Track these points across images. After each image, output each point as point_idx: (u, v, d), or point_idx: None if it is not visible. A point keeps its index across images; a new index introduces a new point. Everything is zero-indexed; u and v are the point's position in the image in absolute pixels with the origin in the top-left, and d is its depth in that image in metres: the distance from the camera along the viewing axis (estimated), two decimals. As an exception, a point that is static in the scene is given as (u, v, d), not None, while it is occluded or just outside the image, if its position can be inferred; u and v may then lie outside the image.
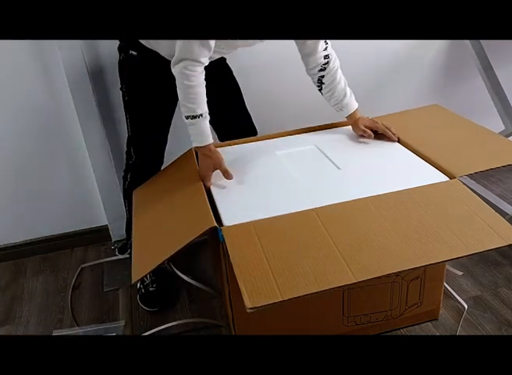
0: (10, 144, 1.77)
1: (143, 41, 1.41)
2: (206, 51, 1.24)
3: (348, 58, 1.93)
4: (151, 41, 1.39)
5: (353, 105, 1.51)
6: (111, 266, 1.58)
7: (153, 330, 1.51)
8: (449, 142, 1.41)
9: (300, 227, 1.09)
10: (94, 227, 2.00)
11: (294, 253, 1.02)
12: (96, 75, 1.72)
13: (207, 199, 1.23)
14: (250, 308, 0.89)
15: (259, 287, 0.94)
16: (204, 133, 1.30)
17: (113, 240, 1.98)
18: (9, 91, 1.69)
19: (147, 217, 1.35)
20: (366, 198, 1.17)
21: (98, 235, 1.99)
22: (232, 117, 1.60)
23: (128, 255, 1.84)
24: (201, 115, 1.27)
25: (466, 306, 1.50)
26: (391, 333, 1.43)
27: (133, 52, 1.43)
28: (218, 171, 1.32)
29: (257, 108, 1.65)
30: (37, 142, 1.79)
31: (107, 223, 1.96)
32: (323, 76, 1.48)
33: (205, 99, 1.27)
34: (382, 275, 0.96)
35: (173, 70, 1.26)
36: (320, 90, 1.51)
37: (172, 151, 1.59)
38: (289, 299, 0.91)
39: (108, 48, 1.70)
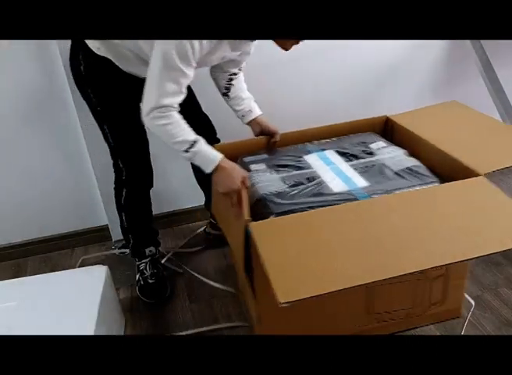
0: (10, 144, 1.77)
1: (94, 48, 1.34)
2: (183, 96, 1.23)
3: (348, 59, 1.94)
4: (108, 45, 1.33)
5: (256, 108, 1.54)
6: (111, 265, 1.60)
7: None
8: (471, 138, 1.40)
9: (330, 223, 1.10)
10: (95, 227, 2.00)
11: (323, 249, 1.03)
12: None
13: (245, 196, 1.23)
14: (282, 303, 0.89)
15: (290, 282, 0.94)
16: (209, 154, 1.24)
17: (113, 240, 1.98)
18: (9, 91, 1.69)
19: (226, 222, 1.40)
20: (392, 195, 1.18)
21: (99, 235, 1.99)
22: (192, 118, 1.42)
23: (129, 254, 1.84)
24: (195, 141, 1.22)
25: (473, 303, 1.49)
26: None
27: (88, 60, 1.36)
28: None
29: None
30: (37, 142, 1.79)
31: (107, 222, 1.96)
32: (234, 75, 1.49)
33: (187, 125, 1.23)
34: (410, 272, 0.95)
35: (145, 119, 1.23)
36: (228, 92, 1.52)
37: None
38: (320, 295, 0.91)
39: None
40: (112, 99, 1.42)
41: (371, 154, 1.44)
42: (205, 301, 1.63)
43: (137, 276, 1.70)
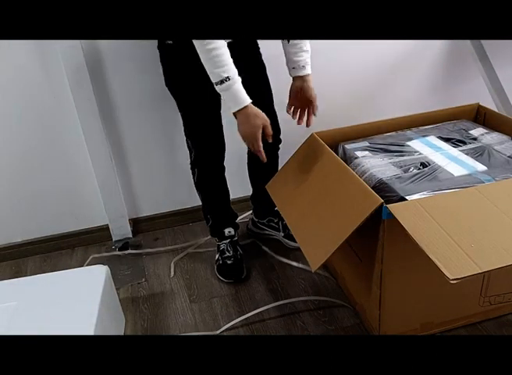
0: (10, 144, 1.77)
1: None
2: None
3: (348, 58, 1.94)
4: None
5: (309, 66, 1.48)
6: (111, 265, 1.60)
7: (256, 311, 1.53)
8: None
9: (470, 204, 1.13)
10: (95, 227, 2.00)
11: (475, 228, 1.05)
12: (96, 75, 1.72)
13: (361, 179, 1.27)
14: (452, 280, 0.93)
15: (451, 260, 0.97)
16: (238, 95, 1.26)
17: (114, 239, 1.98)
18: (9, 91, 1.69)
19: (297, 208, 1.43)
20: None
21: (99, 235, 1.99)
22: None
23: (129, 254, 1.84)
24: (228, 77, 1.23)
25: None
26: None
27: (169, 42, 1.41)
28: None
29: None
30: (37, 142, 1.79)
31: (107, 222, 1.96)
32: None
33: (231, 61, 1.24)
34: None
35: (195, 42, 1.24)
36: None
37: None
38: (488, 271, 0.95)
39: (109, 48, 1.70)
40: (184, 83, 1.45)
41: (474, 139, 1.46)
42: (205, 301, 1.63)
43: (217, 256, 1.76)
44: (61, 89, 1.71)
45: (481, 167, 1.31)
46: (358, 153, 1.47)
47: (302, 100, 1.51)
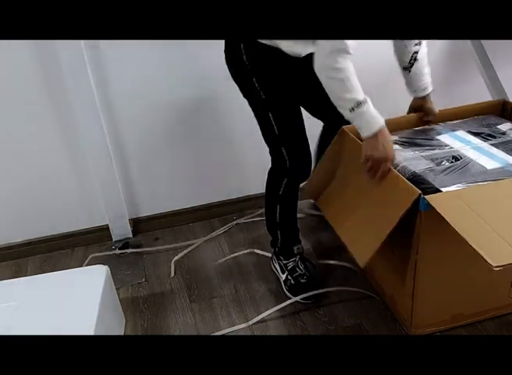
0: (10, 143, 1.77)
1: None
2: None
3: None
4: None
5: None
6: (111, 265, 1.60)
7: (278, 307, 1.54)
8: None
9: (507, 194, 1.17)
10: (95, 227, 2.00)
11: None
12: (97, 75, 1.72)
13: (396, 172, 1.29)
14: (495, 267, 0.96)
15: (493, 248, 1.00)
16: (373, 116, 1.25)
17: (114, 239, 1.98)
18: (9, 90, 1.69)
19: (337, 207, 1.49)
20: None
21: (99, 235, 1.99)
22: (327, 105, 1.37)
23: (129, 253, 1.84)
24: (364, 100, 1.23)
25: None
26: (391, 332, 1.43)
27: (252, 49, 1.34)
28: None
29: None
30: (37, 142, 1.79)
31: (107, 222, 1.96)
32: (417, 52, 1.46)
33: (360, 86, 1.23)
34: None
35: (318, 67, 1.23)
36: (410, 67, 1.48)
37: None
38: None
39: (109, 49, 1.70)
40: (277, 85, 1.38)
41: (503, 134, 1.47)
42: (205, 301, 1.63)
43: (283, 276, 1.62)
44: (61, 89, 1.71)
45: None
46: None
47: (423, 110, 1.56)
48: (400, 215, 1.19)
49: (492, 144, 1.42)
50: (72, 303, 1.32)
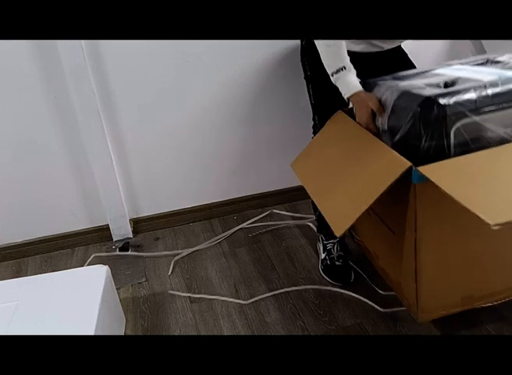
0: (10, 143, 1.78)
1: None
2: None
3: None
4: None
5: None
6: (112, 265, 1.60)
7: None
8: None
9: (505, 159, 1.12)
10: (95, 227, 2.00)
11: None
12: (97, 75, 1.72)
13: (386, 145, 1.24)
14: (493, 225, 0.91)
15: (491, 208, 0.96)
16: (350, 84, 1.37)
17: (114, 239, 1.98)
18: (9, 90, 1.69)
19: (321, 180, 1.40)
20: None
21: (99, 235, 1.99)
22: None
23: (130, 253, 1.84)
24: (344, 67, 1.35)
25: None
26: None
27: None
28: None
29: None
30: (38, 142, 1.79)
31: (108, 222, 1.96)
32: None
33: (345, 54, 1.36)
34: None
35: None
36: None
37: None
38: None
39: (110, 48, 1.70)
40: (319, 66, 1.49)
41: (501, 62, 1.39)
42: (205, 301, 1.63)
43: (323, 255, 1.72)
44: (61, 89, 1.71)
45: (510, 73, 1.23)
46: (380, 82, 1.40)
47: None
48: (385, 187, 1.11)
49: (488, 67, 1.33)
50: (73, 303, 1.32)
